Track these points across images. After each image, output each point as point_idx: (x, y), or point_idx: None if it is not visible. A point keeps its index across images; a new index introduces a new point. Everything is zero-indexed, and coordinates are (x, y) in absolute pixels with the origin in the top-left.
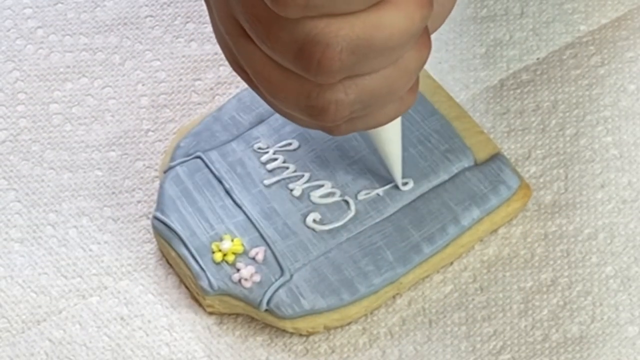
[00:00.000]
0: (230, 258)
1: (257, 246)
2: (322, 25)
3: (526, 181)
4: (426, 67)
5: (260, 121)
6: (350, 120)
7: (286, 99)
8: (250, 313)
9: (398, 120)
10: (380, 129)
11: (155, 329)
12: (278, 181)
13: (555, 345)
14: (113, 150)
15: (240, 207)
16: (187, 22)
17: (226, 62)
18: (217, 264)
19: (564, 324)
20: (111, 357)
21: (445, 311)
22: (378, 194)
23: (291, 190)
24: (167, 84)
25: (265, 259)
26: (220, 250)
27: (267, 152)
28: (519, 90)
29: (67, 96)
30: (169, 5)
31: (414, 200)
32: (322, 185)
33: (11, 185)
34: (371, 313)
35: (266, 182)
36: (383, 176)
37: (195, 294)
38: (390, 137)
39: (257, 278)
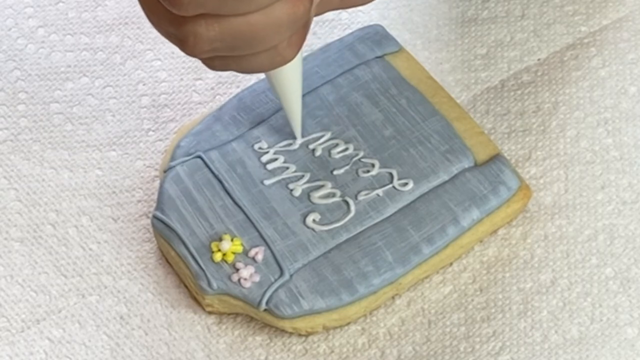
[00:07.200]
0: (230, 258)
1: (256, 246)
2: None
3: (526, 182)
4: (427, 67)
5: (261, 121)
6: (223, 59)
7: (157, 24)
8: (250, 313)
9: (294, 71)
10: (272, 77)
11: (155, 328)
12: (278, 181)
13: (554, 346)
14: (113, 150)
15: (240, 207)
16: None
17: None
18: (217, 263)
19: (563, 325)
20: (110, 356)
21: (445, 312)
22: (378, 195)
23: (291, 190)
24: (168, 84)
25: (264, 259)
26: (219, 250)
27: (267, 152)
28: (519, 92)
29: (67, 96)
30: None
31: (413, 201)
32: (322, 186)
33: (12, 184)
34: (370, 313)
35: (266, 182)
36: (382, 176)
37: (194, 293)
38: (285, 87)
39: (256, 278)
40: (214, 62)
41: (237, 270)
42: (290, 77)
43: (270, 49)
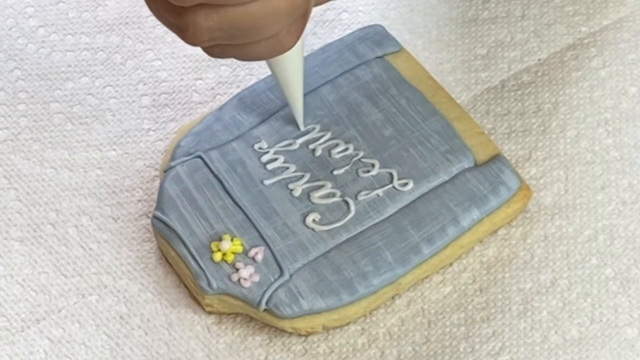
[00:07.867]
0: (230, 258)
1: (256, 246)
2: None
3: (526, 182)
4: (427, 67)
5: (261, 121)
6: (222, 47)
7: (157, 14)
8: (249, 313)
9: (295, 58)
10: (273, 64)
11: (155, 328)
12: (278, 181)
13: (554, 346)
14: (114, 150)
15: (240, 207)
16: None
17: (227, 62)
18: (217, 263)
19: (563, 325)
20: (110, 355)
21: (445, 312)
22: (378, 195)
23: (291, 190)
24: (168, 84)
25: (264, 258)
26: (219, 250)
27: (267, 152)
28: (519, 92)
29: (68, 95)
30: None
31: (413, 201)
32: (322, 186)
33: (12, 184)
34: (370, 313)
35: (266, 182)
36: (382, 176)
37: (194, 293)
38: (286, 75)
39: (256, 278)
40: (214, 50)
41: (237, 270)
42: (291, 65)
43: (270, 37)
